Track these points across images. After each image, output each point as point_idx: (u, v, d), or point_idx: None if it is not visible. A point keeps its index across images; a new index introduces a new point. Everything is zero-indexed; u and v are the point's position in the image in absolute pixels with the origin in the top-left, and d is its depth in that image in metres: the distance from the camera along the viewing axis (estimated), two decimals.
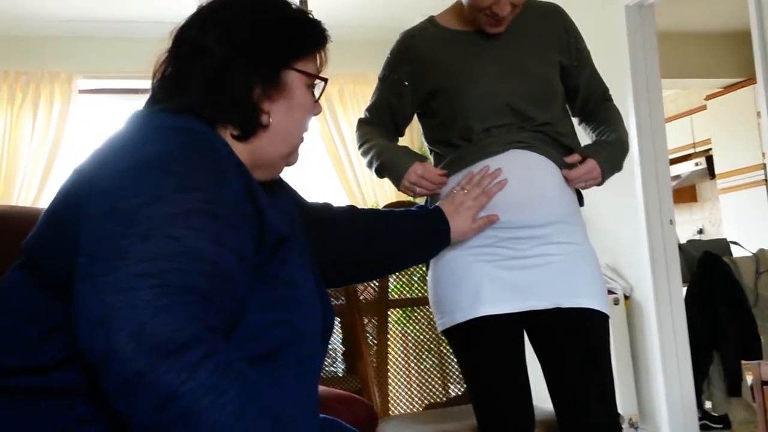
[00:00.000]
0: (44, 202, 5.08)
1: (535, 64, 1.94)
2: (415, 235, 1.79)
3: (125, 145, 1.20)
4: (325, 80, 1.38)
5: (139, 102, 1.36)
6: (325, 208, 1.68)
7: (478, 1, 1.86)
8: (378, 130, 2.06)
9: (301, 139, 1.39)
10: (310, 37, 1.35)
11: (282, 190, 1.46)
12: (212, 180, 1.13)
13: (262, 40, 1.29)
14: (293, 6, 1.36)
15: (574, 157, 1.94)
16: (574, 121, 2.08)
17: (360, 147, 2.06)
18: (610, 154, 1.98)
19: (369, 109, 2.10)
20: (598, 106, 2.09)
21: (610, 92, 2.13)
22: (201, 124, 1.23)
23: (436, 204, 1.87)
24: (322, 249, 1.55)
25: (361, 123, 2.10)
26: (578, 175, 1.91)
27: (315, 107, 1.39)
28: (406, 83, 1.99)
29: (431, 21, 2.04)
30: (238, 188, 1.17)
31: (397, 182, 1.94)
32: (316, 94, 1.39)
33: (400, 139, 2.15)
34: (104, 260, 1.03)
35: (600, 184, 1.96)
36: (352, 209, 1.75)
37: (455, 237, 1.84)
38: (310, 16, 1.37)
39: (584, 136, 2.09)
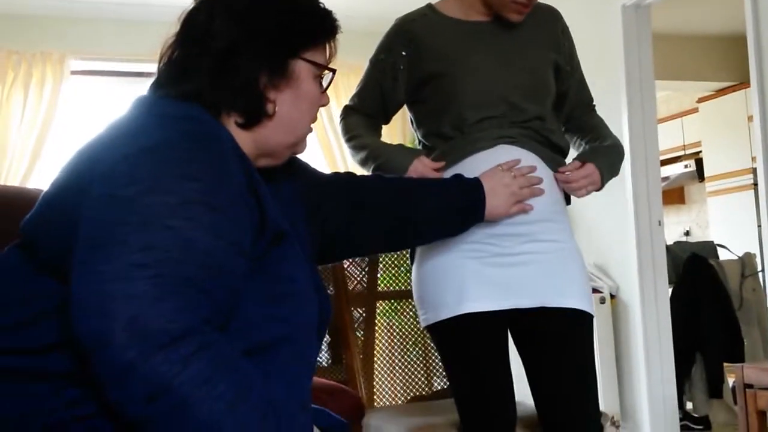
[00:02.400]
0: (33, 183, 5.05)
1: (532, 59, 1.95)
2: (449, 204, 1.73)
3: (127, 132, 1.18)
4: (334, 71, 1.37)
5: (132, 85, 1.36)
6: (349, 177, 1.67)
7: None
8: (366, 121, 2.04)
9: (308, 130, 1.37)
10: (320, 27, 1.34)
11: (287, 176, 1.45)
12: (212, 170, 1.12)
13: (271, 28, 1.27)
14: None
15: (574, 164, 1.93)
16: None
17: (348, 141, 2.03)
18: (609, 158, 1.98)
19: (358, 94, 2.06)
20: (584, 115, 2.10)
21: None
22: (204, 112, 1.22)
23: (477, 176, 1.78)
24: (345, 219, 1.56)
25: (348, 111, 2.07)
26: (577, 178, 1.90)
27: (322, 98, 1.37)
28: (402, 67, 1.97)
29: (430, 7, 2.03)
30: (239, 179, 1.16)
31: None
32: (324, 85, 1.37)
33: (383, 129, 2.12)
34: (102, 248, 1.03)
35: (599, 189, 1.96)
36: (379, 176, 1.73)
37: (489, 216, 1.77)
38: (321, 5, 1.35)
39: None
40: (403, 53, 1.97)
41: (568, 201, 2.01)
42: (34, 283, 1.15)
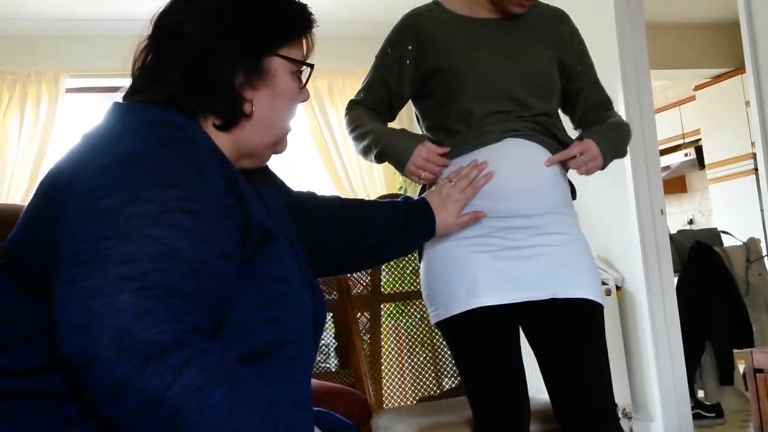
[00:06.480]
0: None
1: (536, 56, 1.95)
2: (400, 226, 1.74)
3: (102, 141, 1.16)
4: (311, 66, 1.34)
5: None
6: (311, 197, 1.64)
7: None
8: (370, 114, 2.02)
9: (288, 128, 1.35)
10: (295, 22, 1.31)
11: (269, 180, 1.43)
12: (191, 175, 1.10)
13: (244, 27, 1.24)
14: None
15: (573, 143, 1.92)
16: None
17: (352, 132, 2.01)
18: (608, 135, 1.97)
19: (364, 89, 2.05)
20: (599, 116, 2.07)
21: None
22: (180, 115, 1.20)
23: (422, 196, 1.83)
24: (306, 238, 1.51)
25: (353, 105, 2.06)
26: (574, 153, 1.89)
27: (302, 94, 1.34)
28: (408, 61, 1.96)
29: (436, 3, 2.02)
30: (220, 182, 1.14)
31: (401, 167, 1.92)
32: (303, 80, 1.34)
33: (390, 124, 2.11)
34: (83, 263, 1.01)
35: (603, 167, 1.95)
36: (337, 198, 1.71)
37: (440, 231, 1.80)
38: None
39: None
40: (410, 47, 1.96)
41: (573, 195, 2.01)
42: (22, 303, 1.13)
